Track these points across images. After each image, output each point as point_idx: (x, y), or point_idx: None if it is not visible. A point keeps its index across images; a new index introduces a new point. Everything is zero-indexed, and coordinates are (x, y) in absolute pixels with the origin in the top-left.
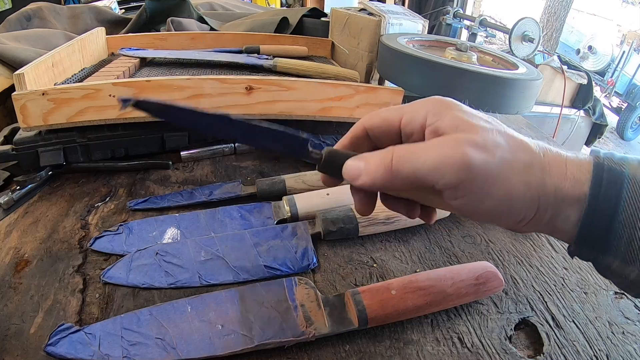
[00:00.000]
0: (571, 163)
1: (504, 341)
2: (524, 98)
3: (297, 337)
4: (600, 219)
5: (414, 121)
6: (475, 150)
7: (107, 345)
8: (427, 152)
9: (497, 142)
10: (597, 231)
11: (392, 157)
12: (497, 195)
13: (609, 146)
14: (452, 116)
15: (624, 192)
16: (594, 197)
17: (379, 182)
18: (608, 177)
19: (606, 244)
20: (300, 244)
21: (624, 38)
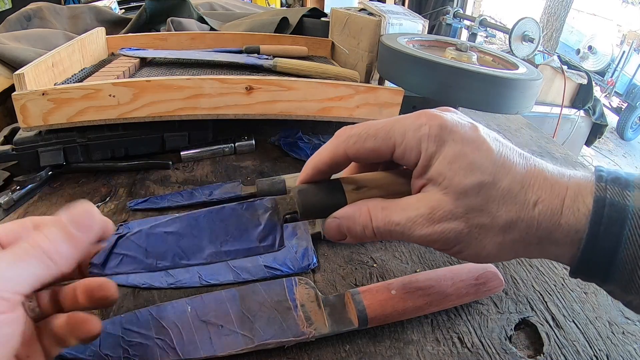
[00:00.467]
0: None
1: (504, 341)
2: (524, 98)
3: (297, 337)
4: (600, 256)
5: (406, 158)
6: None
7: (107, 345)
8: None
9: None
10: (597, 267)
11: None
12: (466, 254)
13: (609, 146)
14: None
15: (625, 230)
16: (594, 237)
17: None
18: (609, 213)
19: (607, 276)
20: (301, 244)
21: (624, 38)
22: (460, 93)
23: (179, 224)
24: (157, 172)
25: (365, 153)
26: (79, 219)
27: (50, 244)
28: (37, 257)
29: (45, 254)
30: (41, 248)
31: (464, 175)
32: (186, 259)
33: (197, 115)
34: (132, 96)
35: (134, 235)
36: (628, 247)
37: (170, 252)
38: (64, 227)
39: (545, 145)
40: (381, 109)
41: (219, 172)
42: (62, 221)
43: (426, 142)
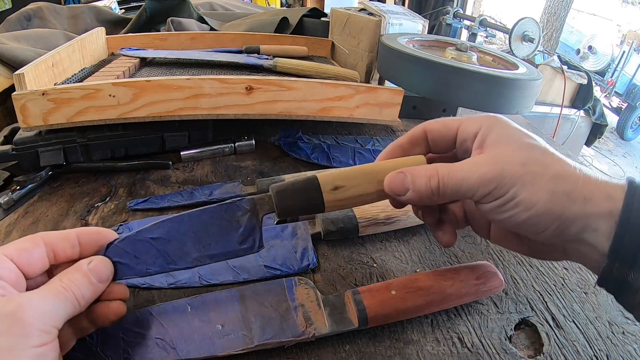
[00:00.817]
0: (604, 182)
1: (504, 341)
2: (524, 98)
3: (296, 337)
4: (634, 230)
5: (468, 130)
6: (506, 164)
7: (107, 345)
8: (468, 171)
9: (530, 156)
10: (631, 243)
11: (438, 177)
12: (520, 198)
13: (609, 146)
14: (498, 132)
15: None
16: (628, 209)
17: (425, 199)
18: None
19: (637, 259)
20: (300, 244)
21: (624, 38)
22: (460, 93)
23: (162, 229)
24: (157, 172)
25: (438, 126)
26: (100, 273)
27: (79, 291)
28: (69, 300)
29: (75, 297)
30: (72, 293)
31: (523, 137)
32: (173, 263)
33: (197, 115)
34: (132, 96)
35: (122, 242)
36: None
37: (158, 257)
38: (89, 278)
39: None
40: (381, 109)
41: (219, 172)
42: (86, 271)
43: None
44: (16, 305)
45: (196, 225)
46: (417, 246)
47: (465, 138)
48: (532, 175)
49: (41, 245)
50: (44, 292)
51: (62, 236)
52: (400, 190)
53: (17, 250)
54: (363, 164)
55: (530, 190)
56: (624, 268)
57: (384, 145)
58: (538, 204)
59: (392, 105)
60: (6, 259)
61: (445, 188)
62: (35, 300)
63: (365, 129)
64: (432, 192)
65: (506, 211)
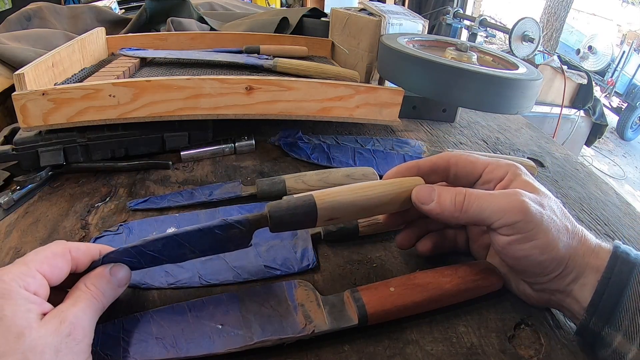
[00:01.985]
0: (597, 242)
1: (504, 341)
2: (524, 98)
3: (296, 335)
4: (613, 288)
5: (496, 173)
6: (533, 203)
7: (107, 345)
8: (494, 198)
9: (550, 205)
10: (608, 301)
11: (464, 197)
12: (540, 240)
13: (609, 146)
14: (523, 181)
15: (634, 272)
16: (610, 269)
17: (447, 214)
18: (623, 258)
19: (613, 316)
20: (300, 244)
21: (624, 38)
22: (460, 93)
23: (158, 244)
24: (157, 172)
25: (465, 162)
26: (121, 278)
27: (105, 299)
28: (99, 308)
29: (103, 305)
30: (101, 302)
31: (540, 188)
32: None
33: (197, 115)
34: (132, 96)
35: (118, 253)
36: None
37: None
38: (113, 285)
39: (545, 145)
40: (381, 109)
41: (219, 172)
42: (110, 278)
43: (515, 168)
44: (70, 327)
45: (191, 240)
46: None
47: (490, 179)
48: (553, 224)
49: (69, 262)
50: (82, 305)
51: (87, 251)
52: (425, 199)
53: (50, 267)
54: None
55: (550, 235)
56: (599, 322)
57: (384, 145)
58: (554, 250)
59: (392, 105)
60: (41, 277)
61: (470, 207)
62: (80, 318)
63: (365, 129)
64: (456, 207)
65: (522, 248)
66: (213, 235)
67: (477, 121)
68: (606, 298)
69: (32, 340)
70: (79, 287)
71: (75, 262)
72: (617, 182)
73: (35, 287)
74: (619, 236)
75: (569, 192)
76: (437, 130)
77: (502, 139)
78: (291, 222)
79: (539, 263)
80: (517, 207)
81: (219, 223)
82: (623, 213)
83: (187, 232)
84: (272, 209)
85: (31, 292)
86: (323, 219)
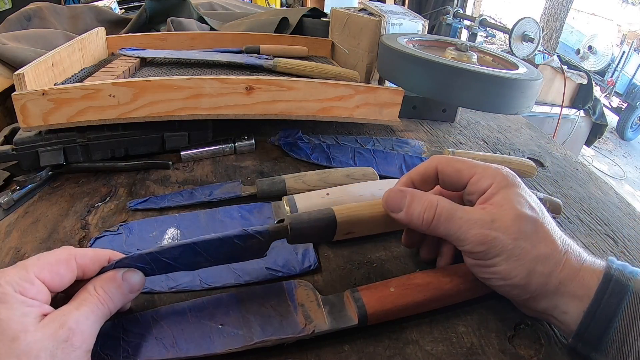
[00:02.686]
0: (586, 267)
1: (504, 341)
2: (524, 98)
3: (296, 335)
4: (599, 322)
5: (480, 183)
6: (498, 232)
7: (107, 346)
8: (463, 224)
9: (522, 230)
10: (594, 332)
11: (434, 214)
12: (499, 268)
13: (609, 146)
14: (505, 195)
15: (624, 303)
16: (597, 302)
17: (413, 225)
18: (613, 287)
19: (600, 345)
20: (301, 245)
21: (624, 38)
22: (460, 93)
23: (174, 252)
24: (157, 172)
25: (451, 172)
26: (133, 284)
27: (113, 304)
28: (106, 314)
29: (110, 310)
30: (108, 308)
31: (524, 208)
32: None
33: (197, 115)
34: (132, 96)
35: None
36: (623, 318)
37: (169, 267)
38: (124, 291)
39: (545, 145)
40: (381, 109)
41: (219, 172)
42: (121, 283)
43: (501, 178)
44: (69, 332)
45: (208, 249)
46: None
47: (474, 190)
48: (519, 251)
49: (74, 269)
50: (85, 309)
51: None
52: (394, 207)
53: (50, 273)
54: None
55: (512, 264)
56: (587, 348)
57: (384, 145)
58: (515, 278)
59: (392, 105)
60: (39, 283)
61: (438, 226)
62: (81, 323)
63: (365, 129)
64: (423, 223)
65: (485, 273)
66: (232, 244)
67: (477, 121)
68: (592, 329)
69: (27, 344)
70: (87, 290)
71: (81, 269)
72: (617, 182)
73: (33, 293)
74: (619, 236)
75: (569, 192)
76: (437, 130)
77: (502, 139)
78: (310, 235)
79: (498, 287)
80: (480, 240)
81: (239, 233)
82: (623, 213)
83: (206, 240)
84: (293, 221)
85: (28, 298)
86: (341, 233)
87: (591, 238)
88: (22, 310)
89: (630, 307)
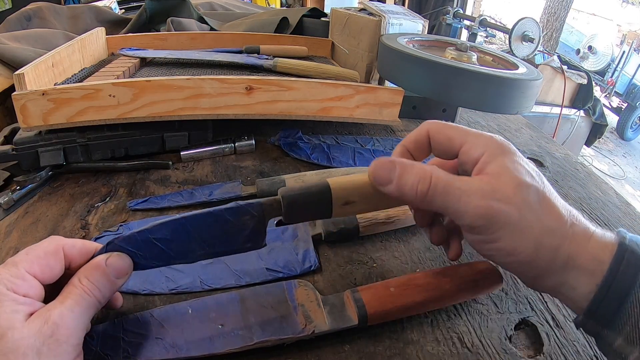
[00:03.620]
0: (595, 240)
1: (504, 341)
2: (524, 98)
3: (296, 335)
4: (613, 296)
5: (471, 152)
6: (501, 203)
7: (107, 346)
8: (461, 195)
9: (526, 200)
10: (608, 307)
11: (428, 187)
12: (502, 243)
13: (609, 146)
14: (500, 164)
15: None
16: (612, 275)
17: (407, 198)
18: (629, 258)
19: (613, 322)
20: (302, 245)
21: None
22: (460, 93)
23: (165, 230)
24: (157, 172)
25: (442, 139)
26: (119, 269)
27: (100, 293)
28: (93, 305)
29: (97, 300)
30: (95, 297)
31: (524, 176)
32: (177, 260)
33: (197, 115)
34: (132, 96)
35: (122, 240)
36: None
37: (162, 255)
38: (109, 277)
39: (545, 145)
40: (381, 109)
41: (219, 172)
42: (105, 270)
43: (494, 145)
44: (53, 327)
45: (201, 227)
46: (416, 246)
47: (466, 160)
48: (525, 223)
49: (62, 260)
50: (69, 302)
51: (82, 248)
52: (382, 179)
53: (41, 267)
54: None
55: (518, 239)
56: (598, 326)
57: (384, 145)
58: (522, 254)
59: (392, 105)
60: (31, 278)
61: (434, 198)
62: (66, 316)
63: (365, 129)
64: (417, 195)
65: (488, 250)
66: (224, 221)
67: (477, 121)
68: (605, 305)
69: (14, 341)
70: (72, 282)
71: (68, 260)
72: (617, 182)
73: (25, 290)
74: None
75: (569, 192)
76: None
77: None
78: (306, 209)
79: (503, 264)
80: (482, 213)
81: (231, 206)
82: (623, 213)
83: (195, 215)
84: (284, 192)
85: (20, 295)
86: (338, 204)
87: None
88: (12, 308)
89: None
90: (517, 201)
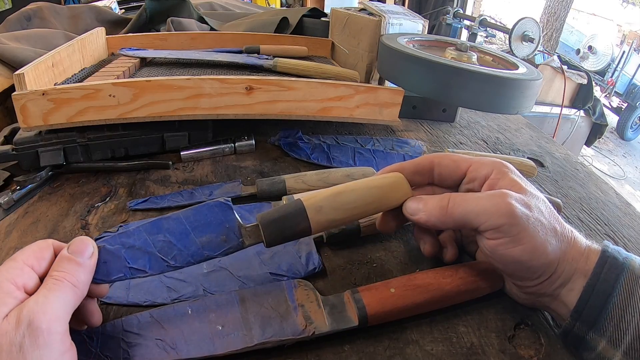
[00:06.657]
0: (589, 246)
1: (504, 341)
2: (524, 98)
3: (296, 336)
4: (597, 296)
5: (480, 170)
6: (520, 205)
7: (107, 347)
8: (479, 200)
9: (538, 207)
10: (593, 308)
11: (448, 201)
12: (527, 244)
13: (609, 146)
14: (510, 180)
15: (621, 278)
16: (596, 276)
17: (434, 220)
18: (611, 263)
19: (597, 322)
20: (304, 248)
21: (624, 38)
22: (460, 93)
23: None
24: (157, 172)
25: (448, 162)
26: (81, 250)
27: (72, 277)
28: (69, 288)
29: (71, 284)
30: (67, 281)
31: (531, 188)
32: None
33: (197, 115)
34: (132, 96)
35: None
36: (621, 293)
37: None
38: (74, 260)
39: (545, 145)
40: (381, 109)
41: (219, 172)
42: (68, 256)
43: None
44: (27, 316)
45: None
46: (416, 246)
47: (475, 178)
48: (539, 223)
49: (53, 256)
50: (43, 291)
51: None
52: (414, 210)
53: (37, 259)
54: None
55: (536, 239)
56: (584, 327)
57: (384, 145)
58: (543, 254)
59: (392, 105)
60: (29, 269)
61: (454, 210)
62: (41, 303)
63: (365, 129)
64: (441, 211)
65: (510, 252)
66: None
67: (477, 121)
68: (591, 305)
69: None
70: (45, 278)
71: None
72: (617, 182)
73: (23, 280)
74: (619, 236)
75: (569, 192)
76: (437, 130)
77: (502, 139)
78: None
79: (527, 268)
80: (502, 209)
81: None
82: (623, 213)
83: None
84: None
85: (19, 285)
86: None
87: (591, 238)
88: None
89: (627, 284)
90: (531, 205)
